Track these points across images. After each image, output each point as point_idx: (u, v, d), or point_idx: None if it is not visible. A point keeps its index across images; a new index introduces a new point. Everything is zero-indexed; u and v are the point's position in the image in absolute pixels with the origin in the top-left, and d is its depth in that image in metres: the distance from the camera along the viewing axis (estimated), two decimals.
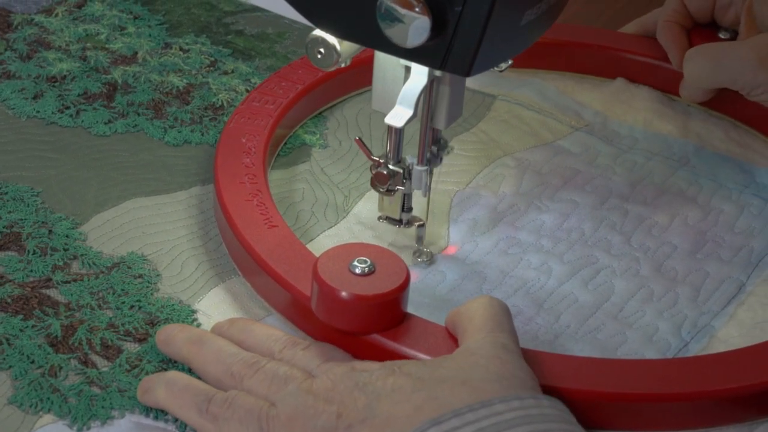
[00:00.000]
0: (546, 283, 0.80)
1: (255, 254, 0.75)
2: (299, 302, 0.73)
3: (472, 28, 0.66)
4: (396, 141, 0.76)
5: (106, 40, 1.00)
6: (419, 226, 0.80)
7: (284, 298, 0.74)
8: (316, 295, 0.70)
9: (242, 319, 0.74)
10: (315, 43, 0.72)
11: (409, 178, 0.78)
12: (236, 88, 0.95)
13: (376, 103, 0.76)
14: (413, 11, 0.66)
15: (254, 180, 0.81)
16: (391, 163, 0.77)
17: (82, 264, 0.79)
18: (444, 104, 0.75)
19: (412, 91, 0.73)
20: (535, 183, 0.88)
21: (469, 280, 0.80)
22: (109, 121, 0.91)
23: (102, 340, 0.74)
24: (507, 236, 0.84)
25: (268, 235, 0.77)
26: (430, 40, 0.66)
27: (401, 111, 0.73)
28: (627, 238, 0.84)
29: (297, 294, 0.73)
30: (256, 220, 0.78)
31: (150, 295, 0.77)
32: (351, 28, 0.70)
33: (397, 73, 0.74)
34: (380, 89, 0.76)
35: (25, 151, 0.88)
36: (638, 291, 0.80)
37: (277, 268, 0.74)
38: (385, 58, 0.74)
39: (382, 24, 0.67)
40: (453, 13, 0.66)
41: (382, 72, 0.75)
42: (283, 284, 0.73)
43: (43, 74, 0.95)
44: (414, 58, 0.69)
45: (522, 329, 0.76)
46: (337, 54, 0.72)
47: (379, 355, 0.69)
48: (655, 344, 0.76)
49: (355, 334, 0.70)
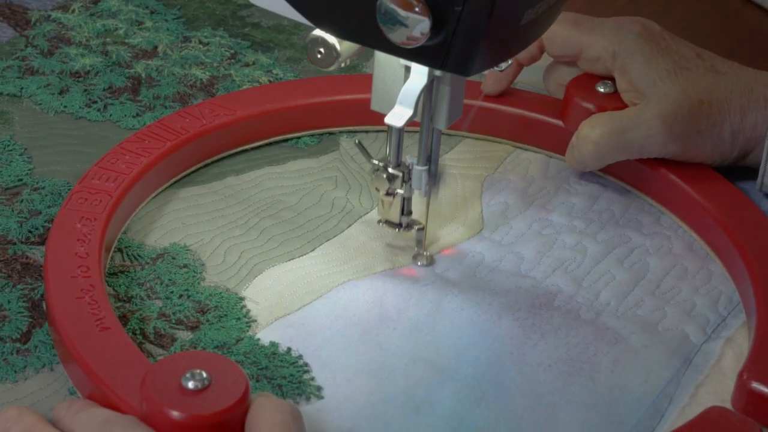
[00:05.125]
0: (582, 262, 0.82)
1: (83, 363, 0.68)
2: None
3: (471, 28, 0.66)
4: (396, 142, 0.76)
5: (125, 34, 1.00)
6: (419, 230, 0.80)
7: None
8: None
9: (78, 402, 0.68)
10: (315, 43, 0.72)
11: (409, 181, 0.78)
12: (259, 80, 0.96)
13: (375, 103, 0.76)
14: (413, 12, 0.66)
15: (87, 273, 0.74)
16: (390, 166, 0.78)
17: (126, 256, 0.80)
18: (444, 104, 0.75)
19: (412, 90, 0.73)
20: (561, 167, 0.90)
21: (507, 261, 0.82)
22: (137, 115, 0.92)
23: (155, 329, 0.75)
24: (540, 218, 0.85)
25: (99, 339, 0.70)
26: (430, 40, 0.67)
27: (401, 111, 0.73)
28: (656, 218, 0.86)
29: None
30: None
31: (197, 284, 0.78)
32: (351, 28, 0.70)
33: (397, 73, 0.74)
34: (380, 89, 0.76)
35: (58, 146, 0.89)
36: (672, 268, 0.82)
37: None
38: (385, 58, 0.74)
39: (382, 24, 0.67)
40: (453, 13, 0.66)
41: (382, 72, 0.75)
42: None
43: (67, 69, 0.96)
44: (414, 58, 0.69)
45: (564, 308, 0.78)
46: (337, 54, 0.72)
47: None
48: (694, 319, 0.78)
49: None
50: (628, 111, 0.83)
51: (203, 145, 0.87)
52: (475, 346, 0.75)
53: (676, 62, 0.83)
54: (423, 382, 0.72)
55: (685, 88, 0.82)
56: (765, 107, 0.83)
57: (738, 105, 0.83)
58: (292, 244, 0.82)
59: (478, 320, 0.77)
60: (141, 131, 0.85)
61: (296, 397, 0.71)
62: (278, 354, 0.74)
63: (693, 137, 0.82)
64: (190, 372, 0.63)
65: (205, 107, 0.88)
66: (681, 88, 0.82)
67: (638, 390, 0.73)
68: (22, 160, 0.87)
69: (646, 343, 0.76)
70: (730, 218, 0.81)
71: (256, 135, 0.89)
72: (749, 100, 0.83)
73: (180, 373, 0.63)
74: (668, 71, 0.83)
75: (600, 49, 0.85)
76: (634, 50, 0.84)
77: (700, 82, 0.83)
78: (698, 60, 0.85)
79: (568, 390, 0.73)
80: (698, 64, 0.84)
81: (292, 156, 0.90)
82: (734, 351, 0.76)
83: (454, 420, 0.70)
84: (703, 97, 0.82)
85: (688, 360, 0.75)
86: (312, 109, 0.90)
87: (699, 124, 0.82)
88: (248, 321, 0.76)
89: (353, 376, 0.73)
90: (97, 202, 0.79)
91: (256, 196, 0.86)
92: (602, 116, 0.84)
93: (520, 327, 0.77)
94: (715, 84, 0.83)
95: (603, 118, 0.83)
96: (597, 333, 0.77)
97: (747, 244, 0.79)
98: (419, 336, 0.76)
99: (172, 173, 0.86)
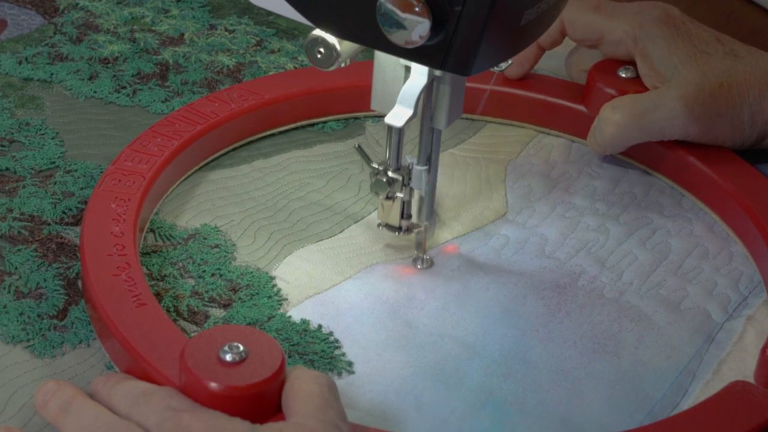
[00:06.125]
0: (605, 243, 0.83)
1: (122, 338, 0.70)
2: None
3: (471, 28, 0.66)
4: (396, 143, 0.77)
5: (152, 22, 1.02)
6: (418, 233, 0.81)
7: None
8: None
9: (115, 375, 0.70)
10: (315, 43, 0.72)
11: (409, 183, 0.78)
12: (285, 66, 0.98)
13: (375, 103, 0.76)
14: (413, 12, 0.66)
15: (123, 251, 0.75)
16: (390, 170, 0.78)
17: (158, 236, 0.81)
18: (444, 104, 0.75)
19: (412, 90, 0.73)
20: (583, 151, 0.91)
21: (531, 243, 0.83)
22: (166, 100, 0.93)
23: (188, 306, 0.76)
24: (562, 201, 0.87)
25: (136, 315, 0.71)
26: (430, 40, 0.67)
27: (401, 111, 0.74)
28: (677, 200, 0.87)
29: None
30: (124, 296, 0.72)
31: (228, 264, 0.80)
32: (351, 27, 0.71)
33: (397, 73, 0.75)
34: (380, 89, 0.76)
35: (89, 129, 0.90)
36: (694, 249, 0.83)
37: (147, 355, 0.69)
38: (385, 58, 0.74)
39: (382, 25, 0.67)
40: (453, 13, 0.66)
41: (381, 72, 0.75)
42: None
43: (96, 56, 0.97)
44: (414, 58, 0.70)
45: (588, 287, 0.80)
46: (337, 54, 0.72)
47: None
48: (716, 298, 0.79)
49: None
50: (650, 93, 0.85)
51: (232, 129, 0.88)
52: (502, 324, 0.77)
53: (696, 46, 0.85)
54: (451, 358, 0.74)
55: (705, 72, 0.84)
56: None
57: (757, 88, 0.84)
58: (320, 226, 0.84)
59: (504, 299, 0.79)
60: (171, 115, 0.87)
61: (328, 372, 0.73)
62: (309, 331, 0.75)
63: (713, 119, 0.84)
64: (228, 345, 0.65)
65: (234, 92, 0.89)
66: (701, 72, 0.84)
67: (662, 366, 0.75)
68: (54, 143, 0.88)
69: (669, 320, 0.78)
70: (751, 200, 0.83)
71: (284, 119, 0.91)
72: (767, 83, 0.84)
73: (218, 346, 0.65)
74: (688, 55, 0.84)
75: (621, 34, 0.86)
76: (655, 34, 0.85)
77: (719, 65, 0.84)
78: (718, 44, 0.86)
79: (593, 366, 0.74)
80: (718, 48, 0.86)
81: (318, 140, 0.91)
82: (756, 329, 0.77)
83: (483, 393, 0.72)
84: (723, 80, 0.84)
85: (711, 337, 0.77)
86: (338, 94, 0.91)
87: (719, 106, 0.84)
88: (279, 299, 0.77)
89: (383, 352, 0.74)
90: (130, 183, 0.80)
91: (284, 179, 0.87)
92: (623, 99, 0.85)
93: (545, 306, 0.78)
94: (734, 67, 0.85)
95: (624, 101, 0.85)
96: (621, 311, 0.78)
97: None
98: (447, 314, 0.77)
99: (202, 156, 0.87)
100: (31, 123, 0.90)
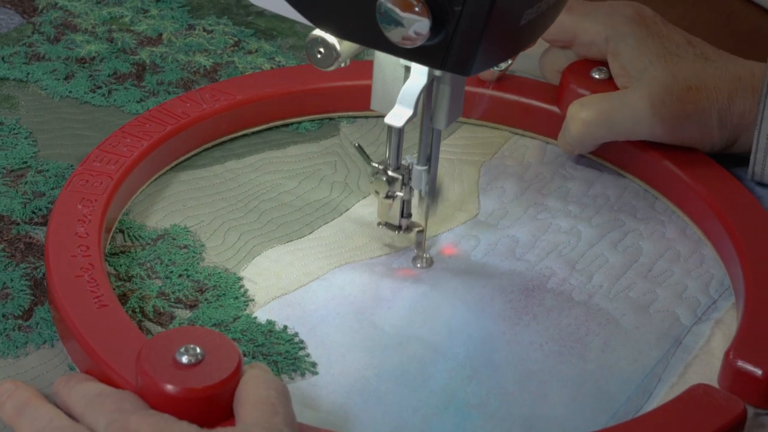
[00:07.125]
0: (576, 245, 0.83)
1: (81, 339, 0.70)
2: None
3: (471, 28, 0.66)
4: (396, 143, 0.77)
5: (131, 22, 1.02)
6: (418, 232, 0.81)
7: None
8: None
9: (76, 376, 0.70)
10: (315, 43, 0.72)
11: (409, 182, 0.79)
12: (261, 66, 0.98)
13: (375, 103, 0.76)
14: (413, 12, 0.66)
15: (87, 252, 0.75)
16: (390, 169, 0.78)
17: (127, 237, 0.81)
18: (444, 104, 0.75)
19: (412, 90, 0.73)
20: (558, 153, 0.91)
21: (502, 245, 0.83)
22: (141, 100, 0.93)
23: (154, 307, 0.76)
24: (535, 203, 0.86)
25: (97, 316, 0.71)
26: (430, 40, 0.67)
27: (401, 111, 0.73)
28: (651, 203, 0.87)
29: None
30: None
31: (197, 265, 0.79)
32: (351, 27, 0.70)
33: (397, 73, 0.75)
34: (380, 89, 0.76)
35: (62, 129, 0.90)
36: (665, 252, 0.83)
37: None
38: (385, 58, 0.74)
39: (382, 25, 0.67)
40: (453, 13, 0.66)
41: (381, 72, 0.75)
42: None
43: (72, 56, 0.97)
44: (414, 58, 0.70)
45: (557, 290, 0.79)
46: (337, 54, 0.72)
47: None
48: (685, 301, 0.79)
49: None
50: (617, 93, 0.84)
51: (204, 129, 0.88)
52: (468, 326, 0.77)
53: (666, 48, 0.85)
54: (416, 359, 0.74)
55: (675, 74, 0.83)
56: (752, 96, 0.84)
57: (726, 92, 0.84)
58: (290, 227, 0.83)
59: (472, 301, 0.78)
60: (142, 115, 0.87)
61: (291, 372, 0.73)
62: (275, 332, 0.75)
63: (681, 121, 0.83)
64: (185, 347, 0.65)
65: (206, 92, 0.89)
66: (670, 73, 0.83)
67: (628, 369, 0.74)
68: (27, 143, 0.88)
69: (637, 324, 0.77)
70: (723, 204, 0.82)
71: (257, 120, 0.91)
72: (737, 88, 0.84)
73: (174, 348, 0.65)
74: (658, 56, 0.84)
75: (593, 34, 0.86)
76: (626, 34, 0.85)
77: (689, 68, 0.84)
78: (689, 47, 0.86)
79: (558, 368, 0.74)
80: (688, 51, 0.85)
81: (292, 141, 0.91)
82: (723, 332, 0.77)
83: (446, 396, 0.72)
84: (692, 83, 0.83)
85: (678, 341, 0.76)
86: (312, 95, 0.91)
87: (687, 109, 0.83)
88: (246, 300, 0.77)
89: (347, 353, 0.74)
90: (98, 183, 0.80)
91: (257, 180, 0.87)
92: (591, 97, 0.85)
93: (512, 309, 0.78)
94: (703, 71, 0.84)
95: (592, 99, 0.85)
96: (589, 314, 0.78)
97: (738, 229, 0.80)
98: (413, 315, 0.77)
99: (173, 157, 0.87)
100: (4, 122, 0.90)
